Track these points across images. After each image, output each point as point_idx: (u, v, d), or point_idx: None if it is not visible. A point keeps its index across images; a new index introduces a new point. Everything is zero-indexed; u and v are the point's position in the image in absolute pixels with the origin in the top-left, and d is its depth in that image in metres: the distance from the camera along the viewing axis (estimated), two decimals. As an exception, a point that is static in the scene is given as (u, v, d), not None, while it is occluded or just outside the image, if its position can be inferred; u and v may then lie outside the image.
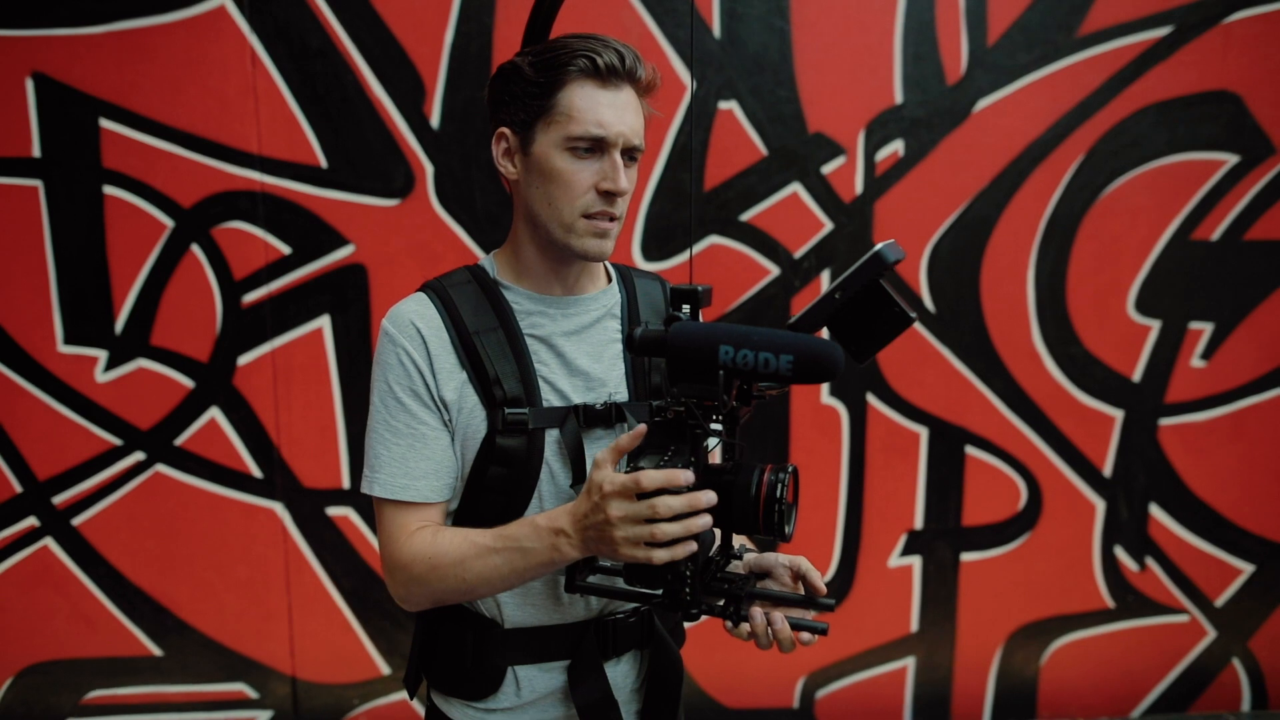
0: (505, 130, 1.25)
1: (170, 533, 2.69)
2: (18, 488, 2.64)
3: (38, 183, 2.51)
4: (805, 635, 1.13)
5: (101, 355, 2.59)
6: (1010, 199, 2.74)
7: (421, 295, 1.27)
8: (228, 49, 2.48)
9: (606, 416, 1.24)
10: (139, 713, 2.77)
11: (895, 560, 2.91)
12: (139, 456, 2.64)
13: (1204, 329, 2.87)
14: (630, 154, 1.21)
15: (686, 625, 1.47)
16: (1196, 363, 2.88)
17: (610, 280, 1.35)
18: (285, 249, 2.59)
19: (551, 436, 1.23)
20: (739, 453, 1.11)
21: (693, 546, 1.05)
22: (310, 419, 2.66)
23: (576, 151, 1.18)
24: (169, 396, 2.63)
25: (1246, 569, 3.00)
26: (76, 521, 2.66)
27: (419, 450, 1.21)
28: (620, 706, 1.26)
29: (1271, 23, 2.69)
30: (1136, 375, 2.87)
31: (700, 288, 1.11)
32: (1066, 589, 2.97)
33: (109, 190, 2.53)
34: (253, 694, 2.79)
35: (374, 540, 2.73)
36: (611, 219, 1.20)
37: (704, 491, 1.02)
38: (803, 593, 1.19)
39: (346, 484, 2.70)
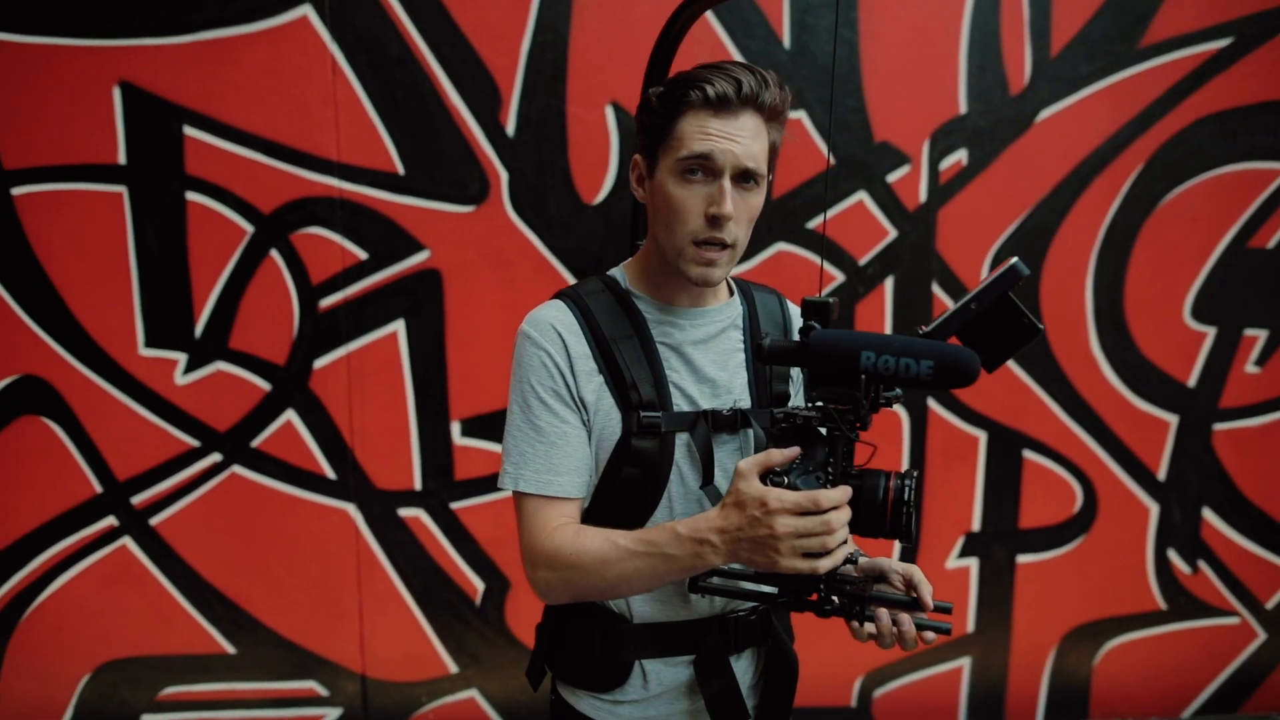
0: (638, 157, 1.32)
1: (245, 533, 2.73)
2: (98, 488, 2.68)
3: (122, 189, 2.55)
4: (929, 635, 1.18)
5: (181, 358, 2.64)
6: (1070, 207, 2.79)
7: (559, 302, 1.32)
8: (309, 58, 2.53)
9: (732, 422, 1.29)
10: (212, 709, 2.81)
11: (953, 562, 2.95)
12: (216, 458, 2.69)
13: (1258, 336, 2.91)
14: (745, 178, 1.24)
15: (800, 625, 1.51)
16: (1250, 369, 2.93)
17: (732, 294, 1.40)
18: (362, 254, 2.63)
19: (681, 440, 1.28)
20: (870, 457, 1.16)
21: (845, 554, 1.10)
22: (384, 422, 2.71)
23: (686, 176, 1.22)
24: (246, 399, 2.67)
25: (1297, 572, 3.05)
26: (154, 521, 2.71)
27: (561, 447, 1.26)
28: None
29: (1329, 35, 2.74)
30: (1191, 381, 2.92)
31: (831, 300, 1.16)
32: (1120, 591, 3.02)
33: (191, 196, 2.57)
34: (323, 691, 2.84)
35: (444, 541, 2.78)
36: (722, 246, 1.24)
37: (846, 492, 1.08)
38: (923, 601, 1.23)
39: (418, 485, 2.74)
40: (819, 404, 1.11)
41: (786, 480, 1.10)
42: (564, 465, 1.26)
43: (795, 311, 1.44)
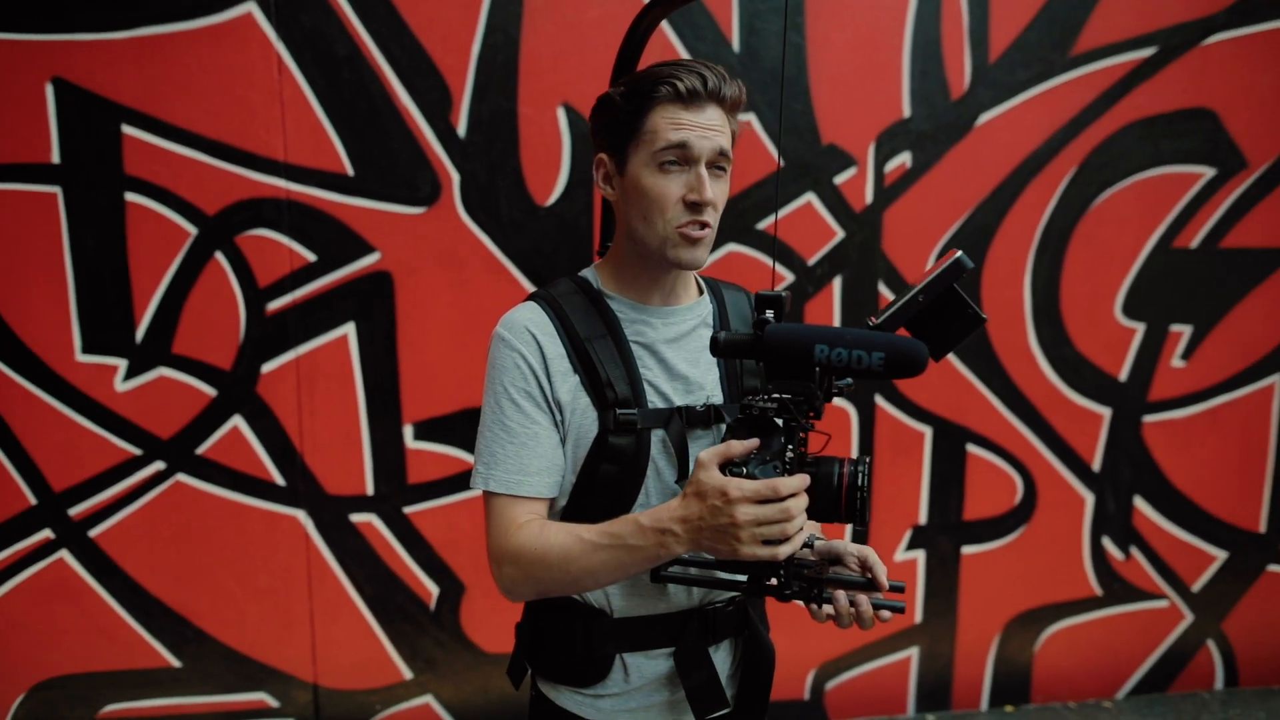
0: (603, 156, 1.32)
1: (190, 542, 2.66)
2: (32, 500, 2.58)
3: (57, 189, 2.47)
4: (885, 613, 1.22)
5: (121, 364, 2.56)
6: (1009, 209, 2.89)
7: (533, 304, 1.32)
8: (254, 56, 2.48)
9: (706, 418, 1.31)
10: (157, 725, 2.74)
11: (900, 554, 3.03)
12: (159, 466, 2.62)
13: (1184, 331, 3.05)
14: (717, 166, 1.28)
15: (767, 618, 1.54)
16: (1177, 363, 3.07)
17: (702, 292, 1.43)
18: (310, 256, 2.59)
19: (657, 436, 1.29)
20: (824, 445, 1.19)
21: (803, 539, 1.13)
22: (335, 426, 2.67)
23: (664, 167, 1.25)
24: (191, 405, 2.61)
25: (1220, 555, 3.20)
26: (93, 533, 2.62)
27: (532, 448, 1.26)
28: None
29: (1245, 45, 2.89)
30: (1123, 375, 3.04)
31: (784, 294, 1.19)
32: (1058, 578, 3.14)
33: (131, 197, 2.50)
34: (274, 702, 2.78)
35: (398, 546, 2.75)
36: (703, 226, 1.27)
37: (804, 479, 1.11)
38: (878, 582, 1.26)
39: (370, 490, 2.71)
40: (775, 396, 1.14)
41: (745, 470, 1.12)
42: (534, 466, 1.26)
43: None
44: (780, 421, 1.15)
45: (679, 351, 1.34)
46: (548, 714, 1.36)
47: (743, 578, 1.22)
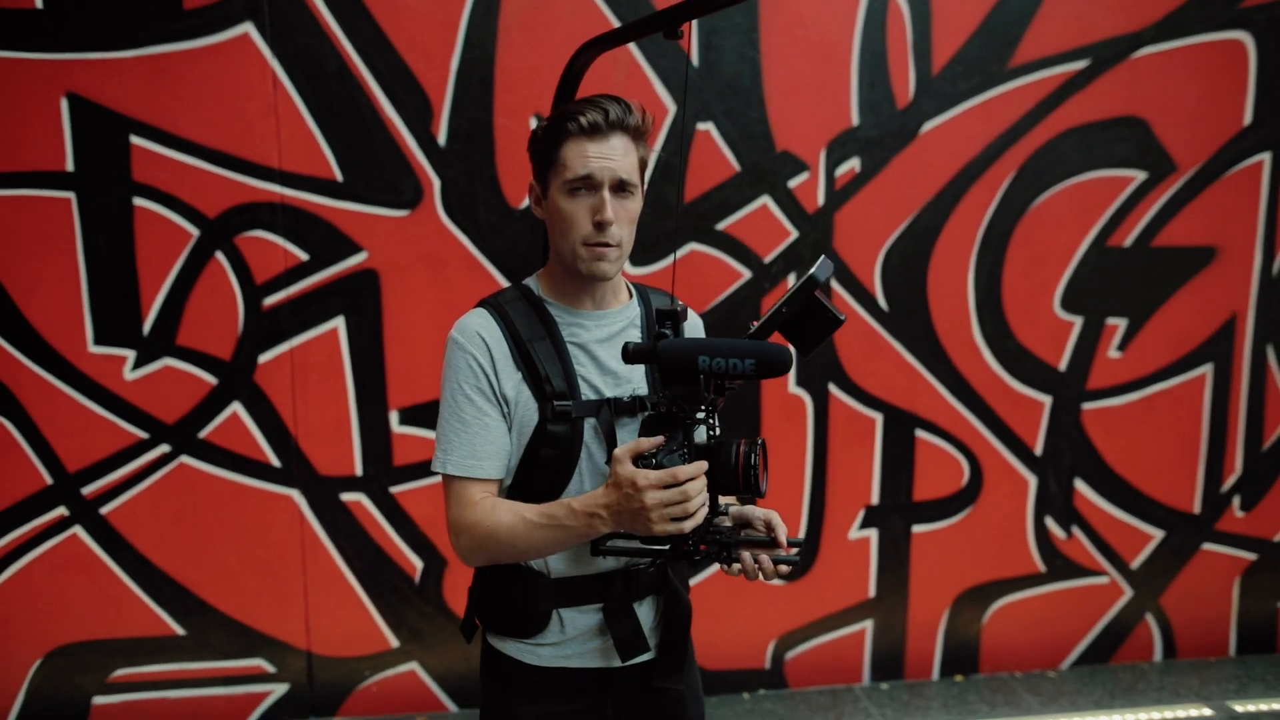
0: (533, 182, 1.54)
1: (193, 520, 2.88)
2: (49, 479, 2.81)
3: (70, 195, 2.69)
4: (783, 567, 1.42)
5: (130, 355, 2.79)
6: (953, 210, 3.10)
7: (482, 310, 1.52)
8: (251, 72, 2.70)
9: (632, 408, 1.51)
10: (163, 689, 2.96)
11: (854, 533, 3.24)
12: (164, 449, 2.84)
13: (1119, 324, 3.26)
14: (621, 189, 1.46)
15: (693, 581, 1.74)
16: (1113, 354, 3.28)
17: (631, 297, 1.63)
18: (303, 256, 2.81)
19: (589, 424, 1.48)
20: (720, 433, 1.40)
21: (705, 512, 1.34)
22: (326, 412, 2.89)
23: (573, 193, 1.44)
24: (193, 392, 2.83)
25: (1157, 535, 3.41)
26: (104, 510, 2.84)
27: (483, 436, 1.46)
28: None
29: (1172, 58, 3.10)
30: (1062, 365, 3.26)
31: (679, 307, 1.39)
32: (1004, 556, 3.34)
33: (138, 202, 2.72)
34: (270, 668, 3.00)
35: (385, 523, 2.97)
36: (607, 245, 1.45)
37: (701, 466, 1.31)
38: (777, 539, 1.45)
39: (359, 471, 2.93)
40: (674, 396, 1.35)
41: (655, 461, 1.32)
42: (485, 451, 1.46)
43: (692, 316, 1.68)
44: (682, 416, 1.36)
45: (609, 350, 1.53)
46: (496, 663, 1.57)
47: (666, 547, 1.41)
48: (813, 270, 1.31)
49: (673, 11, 1.45)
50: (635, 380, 1.54)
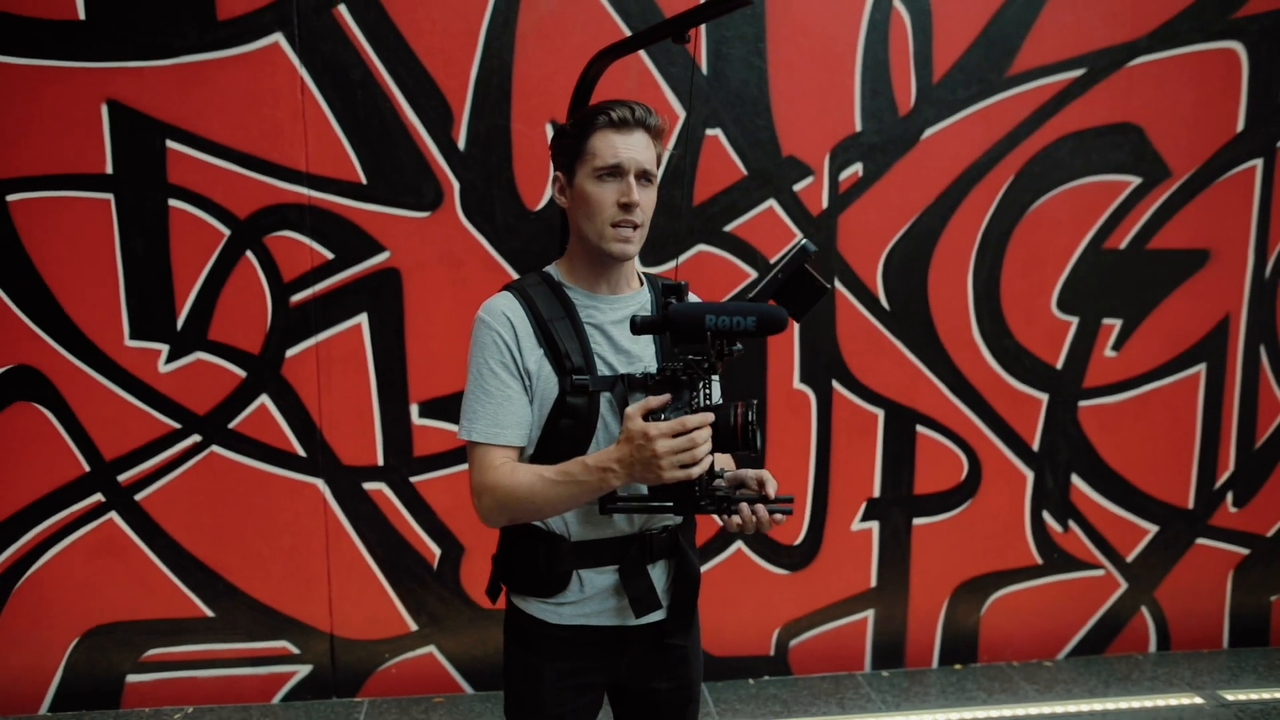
0: (559, 174, 1.67)
1: (223, 506, 3.02)
2: (86, 467, 2.95)
3: (109, 196, 2.83)
4: (779, 516, 1.54)
5: (164, 349, 2.92)
6: (953, 213, 3.21)
7: (507, 293, 1.65)
8: (280, 80, 2.84)
9: (643, 383, 1.63)
10: (192, 668, 3.09)
11: (857, 525, 3.35)
12: (196, 438, 2.98)
13: (1114, 324, 3.37)
14: (643, 177, 1.60)
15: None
16: (1109, 353, 3.38)
17: (642, 284, 1.76)
18: (329, 255, 2.94)
19: (604, 397, 1.61)
20: (722, 394, 1.53)
21: (710, 461, 1.46)
22: (349, 405, 3.02)
23: (602, 178, 1.58)
24: (224, 385, 2.96)
25: (1152, 529, 3.51)
26: (139, 497, 2.98)
27: (505, 407, 1.59)
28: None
29: (1166, 66, 3.20)
30: (1059, 364, 3.36)
31: (683, 284, 1.54)
32: (1002, 548, 3.45)
33: (173, 203, 2.86)
34: (294, 650, 3.13)
35: (405, 512, 3.10)
36: (633, 226, 1.60)
37: (708, 416, 1.44)
38: (768, 495, 1.58)
39: (381, 461, 3.06)
40: (682, 357, 1.49)
41: (663, 416, 1.46)
42: (507, 420, 1.59)
43: (690, 298, 1.80)
44: (687, 379, 1.50)
45: (623, 330, 1.66)
46: (520, 621, 1.70)
47: (670, 504, 1.55)
48: (803, 242, 1.45)
49: (680, 19, 1.57)
50: (646, 359, 1.66)
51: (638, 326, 1.49)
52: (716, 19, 1.91)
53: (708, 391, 1.49)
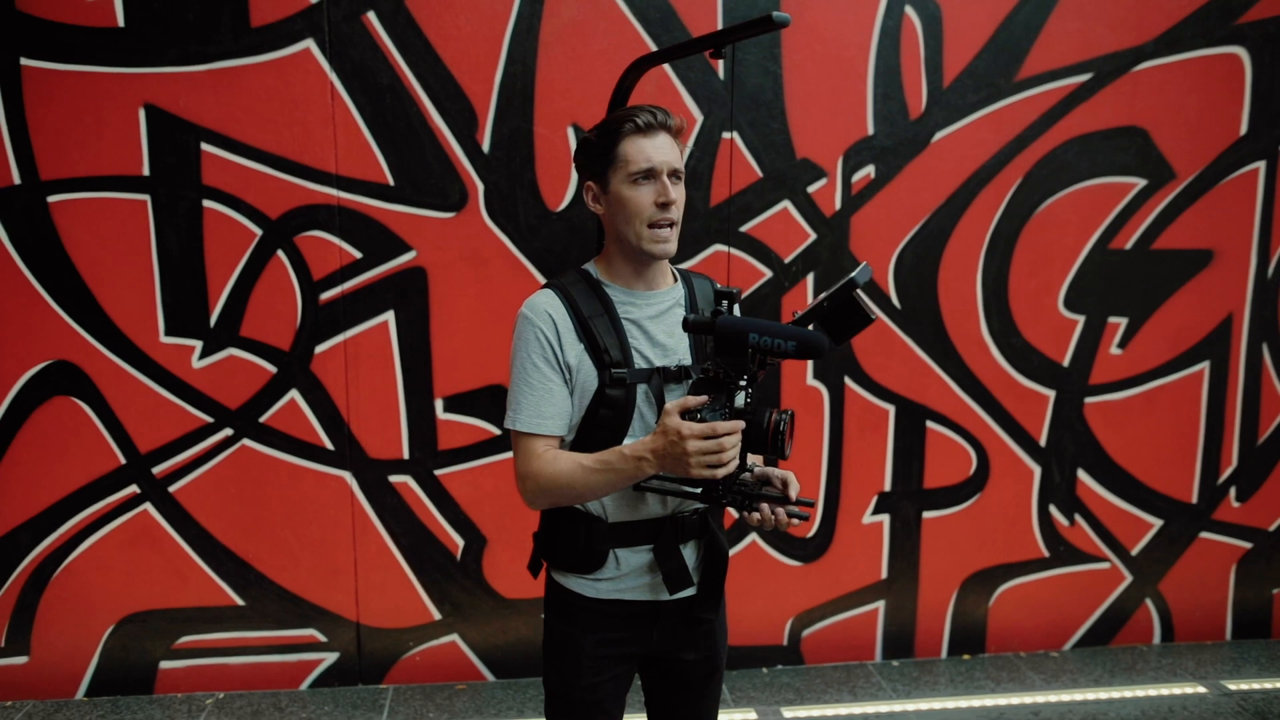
0: (590, 183, 1.75)
1: (253, 498, 3.11)
2: (122, 460, 3.05)
3: (146, 197, 2.93)
4: (795, 520, 1.64)
5: (197, 345, 3.02)
6: (962, 214, 3.30)
7: (549, 291, 1.74)
8: (311, 85, 2.93)
9: (678, 375, 1.73)
10: (223, 655, 3.19)
11: (868, 518, 3.44)
12: (228, 432, 3.07)
13: (1120, 323, 3.45)
14: (674, 175, 1.69)
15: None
16: (1114, 351, 3.47)
17: (676, 280, 1.85)
18: (357, 254, 3.04)
19: (641, 389, 1.70)
20: (756, 400, 1.61)
21: (736, 464, 1.55)
22: (376, 399, 3.11)
23: (636, 182, 1.67)
24: (255, 380, 3.06)
25: (1156, 523, 3.59)
26: (173, 489, 3.08)
27: (547, 399, 1.68)
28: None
29: (1171, 71, 3.29)
30: (1065, 361, 3.45)
31: (737, 290, 1.63)
32: (1009, 542, 3.53)
33: (207, 204, 2.95)
34: (322, 638, 3.23)
35: (429, 504, 3.19)
36: (670, 224, 1.69)
37: (738, 424, 1.52)
38: (789, 496, 1.67)
39: (406, 455, 3.15)
40: (722, 365, 1.57)
41: (699, 416, 1.54)
42: (549, 411, 1.69)
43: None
44: (725, 383, 1.58)
45: (659, 325, 1.75)
46: (560, 596, 1.79)
47: (696, 490, 1.64)
48: (854, 273, 1.53)
49: (719, 35, 1.68)
50: (681, 352, 1.75)
51: (690, 325, 1.57)
52: (751, 38, 2.02)
53: (748, 396, 1.58)
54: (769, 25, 1.63)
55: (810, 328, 1.53)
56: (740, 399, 1.56)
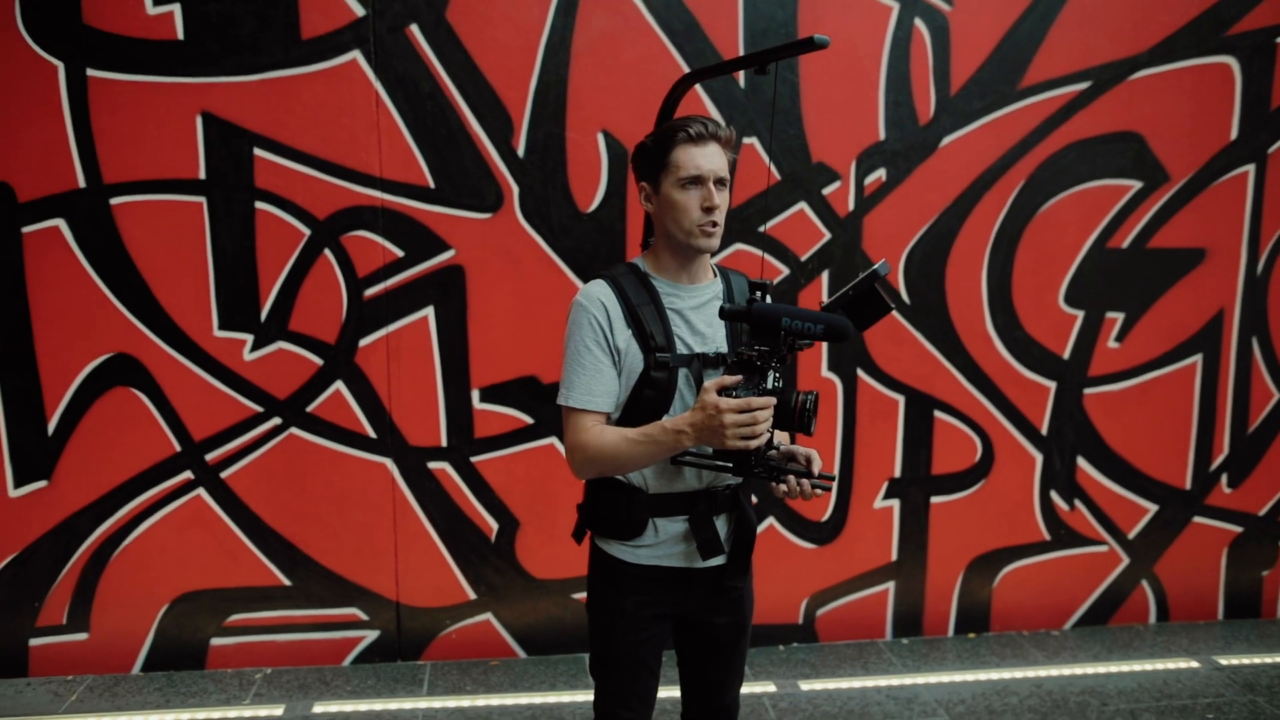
0: (644, 184, 1.92)
1: (300, 484, 3.29)
2: (177, 447, 3.22)
3: (201, 199, 3.11)
4: (819, 490, 1.78)
5: (249, 338, 3.20)
6: (968, 215, 3.48)
7: (601, 281, 1.90)
8: (357, 93, 3.11)
9: (716, 361, 1.89)
10: (270, 632, 3.37)
11: (879, 503, 3.63)
12: (276, 421, 3.25)
13: (1117, 318, 3.64)
14: (719, 183, 1.86)
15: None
16: (1112, 344, 3.66)
17: (715, 275, 2.02)
18: (399, 253, 3.22)
19: (682, 372, 1.87)
20: (784, 381, 1.78)
21: (766, 437, 1.72)
22: (416, 390, 3.29)
23: (685, 186, 1.84)
24: (302, 372, 3.24)
25: (1152, 508, 3.78)
26: (224, 475, 3.26)
27: (597, 379, 1.85)
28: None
29: (1166, 79, 3.48)
30: (1066, 354, 3.63)
31: (770, 282, 1.80)
32: (1013, 525, 3.72)
33: (259, 205, 3.13)
34: (364, 616, 3.41)
35: (465, 489, 3.37)
36: (715, 225, 1.86)
37: (770, 400, 1.69)
38: (813, 471, 1.82)
39: (444, 443, 3.33)
40: (756, 348, 1.74)
41: (734, 393, 1.70)
42: (598, 389, 1.86)
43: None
44: (760, 364, 1.74)
45: (699, 316, 1.92)
46: (603, 561, 1.97)
47: (729, 465, 1.80)
48: (875, 266, 1.71)
49: (763, 54, 1.88)
50: (718, 340, 1.92)
51: (726, 314, 1.74)
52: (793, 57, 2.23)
53: (777, 377, 1.75)
54: (810, 46, 1.81)
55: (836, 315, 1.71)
56: (771, 379, 1.74)
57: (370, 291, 3.22)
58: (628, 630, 1.94)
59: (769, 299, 1.94)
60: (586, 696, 3.19)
